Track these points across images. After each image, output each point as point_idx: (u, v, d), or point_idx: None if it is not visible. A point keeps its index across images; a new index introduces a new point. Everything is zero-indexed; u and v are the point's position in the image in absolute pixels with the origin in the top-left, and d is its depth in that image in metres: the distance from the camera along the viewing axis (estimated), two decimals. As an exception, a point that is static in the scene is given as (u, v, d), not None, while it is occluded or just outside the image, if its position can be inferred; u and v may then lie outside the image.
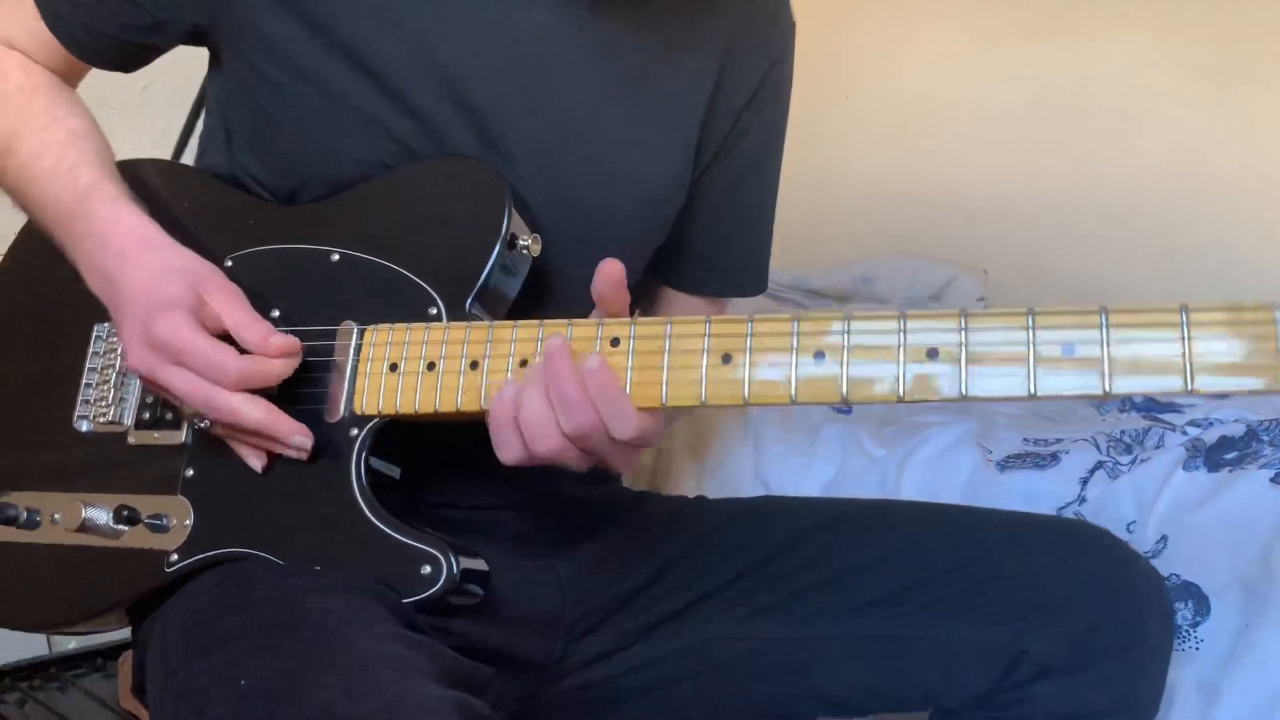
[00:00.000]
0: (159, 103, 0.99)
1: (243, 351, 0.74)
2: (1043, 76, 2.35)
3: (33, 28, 0.86)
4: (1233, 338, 0.59)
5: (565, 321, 0.72)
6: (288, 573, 0.73)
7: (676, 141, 0.90)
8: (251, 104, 0.85)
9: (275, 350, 0.74)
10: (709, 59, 0.89)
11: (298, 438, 0.74)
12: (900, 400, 0.63)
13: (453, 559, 0.71)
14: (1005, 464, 1.25)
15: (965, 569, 0.85)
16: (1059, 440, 1.28)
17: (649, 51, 0.87)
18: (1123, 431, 1.28)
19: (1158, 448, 1.22)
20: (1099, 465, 1.20)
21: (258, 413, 0.73)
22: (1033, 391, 0.61)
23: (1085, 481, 1.18)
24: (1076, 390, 0.61)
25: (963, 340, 0.62)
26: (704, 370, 0.68)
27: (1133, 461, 1.19)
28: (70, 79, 0.91)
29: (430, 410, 0.74)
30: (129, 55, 0.89)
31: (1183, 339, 0.60)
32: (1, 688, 1.53)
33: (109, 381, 0.84)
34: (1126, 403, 1.52)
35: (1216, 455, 1.15)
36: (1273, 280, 2.02)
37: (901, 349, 0.63)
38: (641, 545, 0.91)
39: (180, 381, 0.73)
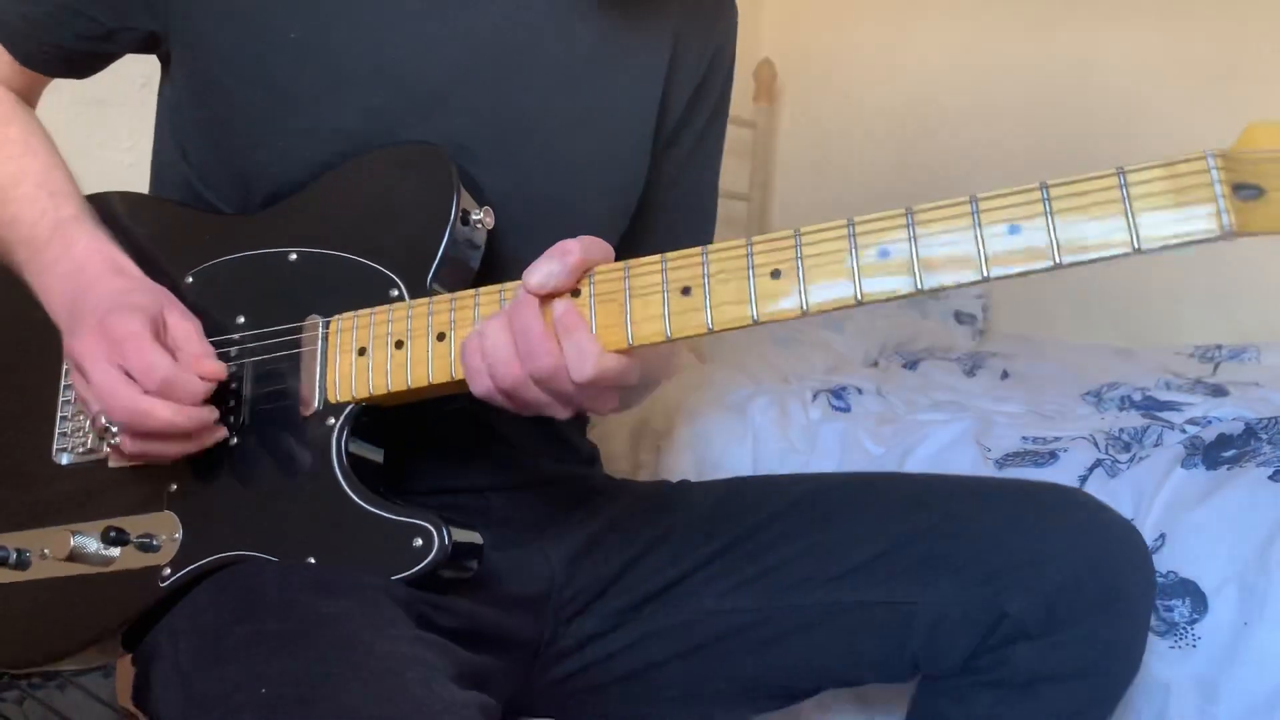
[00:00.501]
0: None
1: None
2: (1042, 74, 2.35)
3: None
4: (1172, 192, 0.59)
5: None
6: (290, 575, 0.72)
7: (633, 130, 0.91)
8: (204, 109, 0.85)
9: (207, 371, 0.76)
10: (660, 48, 0.91)
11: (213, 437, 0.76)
12: (859, 303, 0.64)
13: (445, 530, 0.72)
14: (1004, 462, 1.25)
15: (942, 530, 0.85)
16: (1057, 438, 1.28)
17: (603, 42, 0.88)
18: (1121, 430, 1.28)
19: (1156, 445, 1.22)
20: (1097, 463, 1.20)
21: (166, 412, 0.74)
22: (985, 275, 0.62)
23: (1084, 479, 1.18)
24: (1028, 266, 0.62)
25: (911, 235, 0.64)
26: (666, 305, 0.68)
27: (1131, 459, 1.19)
28: (31, 93, 0.92)
29: (403, 387, 0.75)
30: (81, 64, 0.90)
31: (1124, 199, 0.60)
32: (0, 685, 1.53)
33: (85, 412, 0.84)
34: (1126, 401, 1.52)
35: (1215, 453, 1.15)
36: (1273, 275, 2.02)
37: (854, 254, 0.65)
38: (626, 529, 0.92)
39: (105, 377, 0.73)
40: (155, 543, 0.78)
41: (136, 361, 0.73)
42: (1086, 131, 2.28)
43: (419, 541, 0.72)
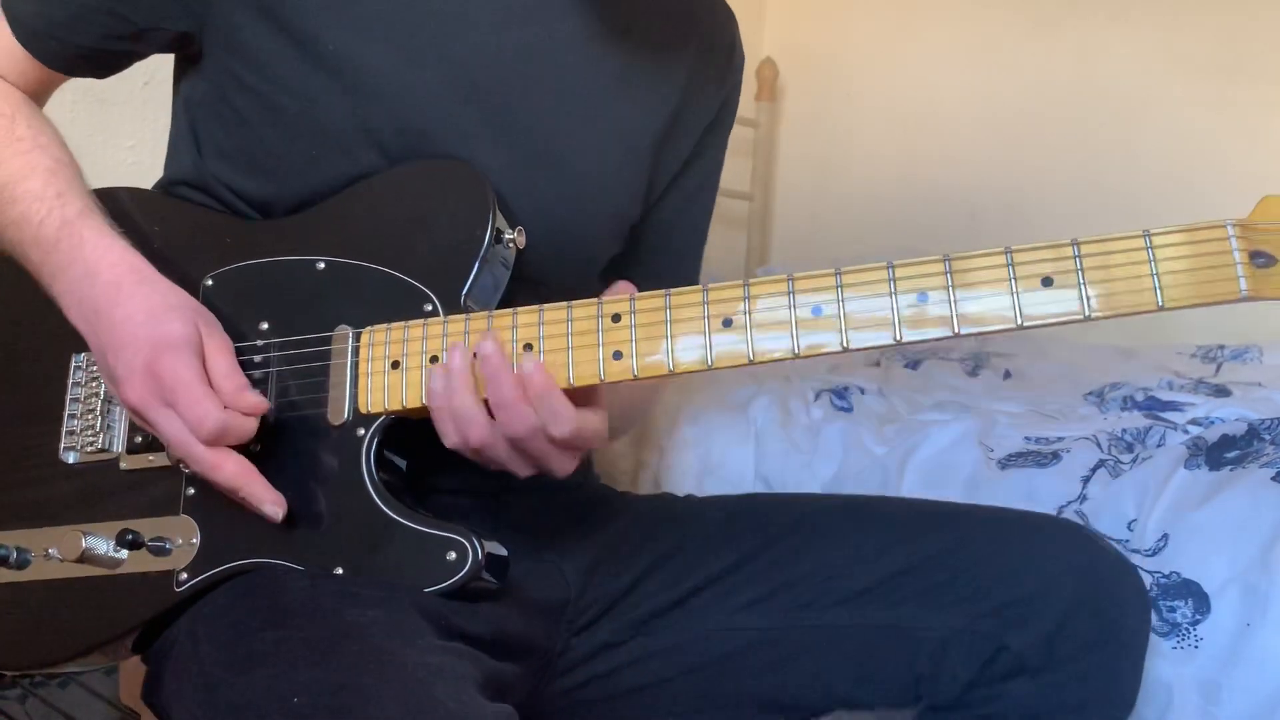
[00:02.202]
0: (160, 100, 0.99)
1: None
2: (1044, 73, 2.35)
3: (3, 42, 0.86)
4: (1194, 256, 0.64)
5: (565, 304, 0.74)
6: (316, 583, 0.72)
7: (635, 158, 0.93)
8: (229, 111, 0.85)
9: (247, 406, 0.74)
10: (671, 85, 0.93)
11: (269, 507, 0.75)
12: (899, 343, 0.67)
13: (477, 544, 0.72)
14: (1006, 462, 1.25)
15: (950, 558, 0.86)
16: (1060, 439, 1.28)
17: (620, 74, 0.90)
18: (1124, 430, 1.28)
19: (1159, 446, 1.22)
20: (1100, 464, 1.19)
21: (230, 466, 0.73)
22: (1020, 323, 0.66)
23: (1086, 480, 1.18)
24: (1059, 317, 0.66)
25: (949, 283, 0.67)
26: (707, 335, 0.70)
27: (1134, 460, 1.19)
28: (44, 91, 0.91)
29: None
30: (105, 63, 0.89)
31: (1150, 261, 0.64)
32: (3, 684, 1.53)
33: (94, 410, 0.83)
34: (1128, 401, 1.52)
35: (1218, 454, 1.15)
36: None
37: (893, 296, 0.67)
38: (634, 542, 0.92)
39: (168, 426, 0.73)
40: (168, 547, 0.77)
41: (188, 413, 0.72)
42: (1088, 129, 2.27)
43: (453, 555, 0.72)
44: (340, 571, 0.74)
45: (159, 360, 0.72)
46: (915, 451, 1.31)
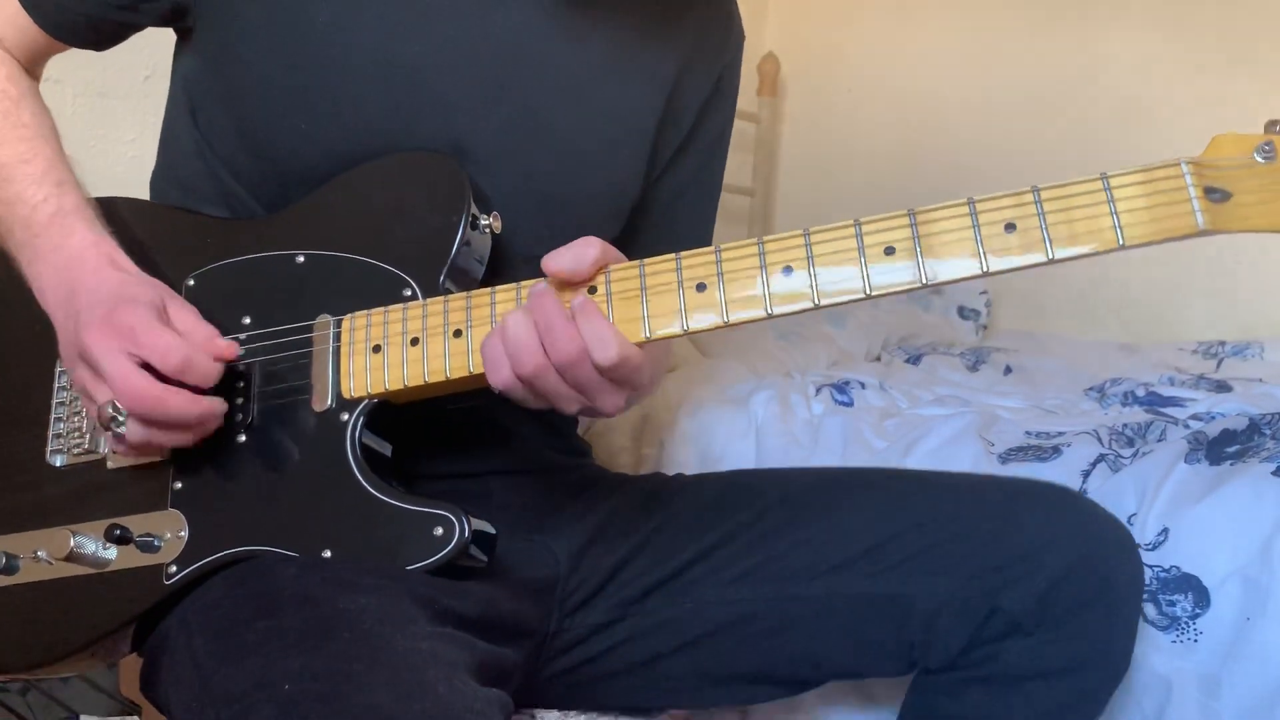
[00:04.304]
0: (161, 93, 0.99)
1: None
2: (1046, 70, 2.35)
3: (7, 7, 0.87)
4: (1150, 195, 0.65)
5: (542, 279, 0.75)
6: (307, 571, 0.73)
7: (633, 136, 0.93)
8: (224, 82, 0.86)
9: (220, 350, 0.77)
10: (667, 61, 0.93)
11: (219, 405, 0.77)
12: (868, 296, 0.68)
13: (465, 519, 0.73)
14: (1007, 456, 1.25)
15: (939, 524, 0.86)
16: (1060, 433, 1.28)
17: (612, 51, 0.90)
18: (1125, 425, 1.28)
19: (1160, 441, 1.22)
20: (1100, 458, 1.19)
21: (176, 399, 0.75)
22: (985, 268, 0.67)
23: (1087, 474, 1.18)
24: (1024, 262, 0.67)
25: (915, 235, 0.68)
26: (682, 300, 0.72)
27: (1134, 455, 1.19)
28: (40, 60, 0.92)
29: (419, 383, 0.76)
30: (104, 34, 0.90)
31: (1109, 202, 0.66)
32: (4, 676, 1.53)
33: (80, 413, 0.84)
34: (1129, 397, 1.52)
35: (1218, 448, 1.15)
36: (1276, 271, 2.02)
37: (861, 251, 0.69)
38: (627, 520, 0.93)
39: (115, 363, 0.73)
40: (157, 542, 0.78)
41: (150, 348, 0.73)
42: (1090, 126, 2.27)
43: (439, 530, 0.73)
44: (329, 554, 0.74)
45: (116, 311, 0.74)
46: (916, 446, 1.31)
